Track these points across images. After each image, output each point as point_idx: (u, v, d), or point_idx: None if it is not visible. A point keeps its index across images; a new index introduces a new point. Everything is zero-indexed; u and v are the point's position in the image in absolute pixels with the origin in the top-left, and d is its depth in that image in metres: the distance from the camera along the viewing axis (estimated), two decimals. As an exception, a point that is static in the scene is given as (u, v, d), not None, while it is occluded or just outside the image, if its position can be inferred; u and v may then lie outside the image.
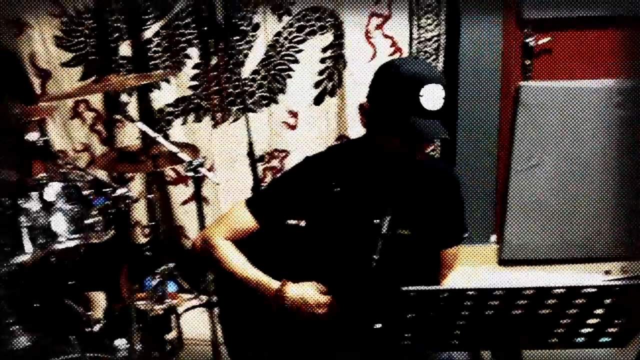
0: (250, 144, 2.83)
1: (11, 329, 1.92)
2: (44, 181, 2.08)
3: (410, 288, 1.26)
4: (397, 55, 3.27)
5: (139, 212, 3.46)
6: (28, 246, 1.99)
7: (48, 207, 2.06)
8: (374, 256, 1.59)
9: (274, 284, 1.71)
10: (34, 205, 2.04)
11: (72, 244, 2.09)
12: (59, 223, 2.07)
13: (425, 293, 1.29)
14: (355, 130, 3.25)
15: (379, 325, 1.53)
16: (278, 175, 3.40)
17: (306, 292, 1.68)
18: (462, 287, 1.26)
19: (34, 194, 2.04)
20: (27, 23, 3.15)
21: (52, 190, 2.08)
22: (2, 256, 1.94)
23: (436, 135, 1.55)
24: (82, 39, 3.20)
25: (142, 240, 3.52)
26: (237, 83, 3.25)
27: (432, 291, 1.29)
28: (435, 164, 1.76)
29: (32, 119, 2.19)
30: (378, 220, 1.63)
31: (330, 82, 3.32)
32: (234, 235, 1.80)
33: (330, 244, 1.75)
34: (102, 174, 3.20)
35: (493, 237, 3.69)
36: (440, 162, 2.96)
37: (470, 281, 1.34)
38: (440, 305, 1.29)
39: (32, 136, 1.94)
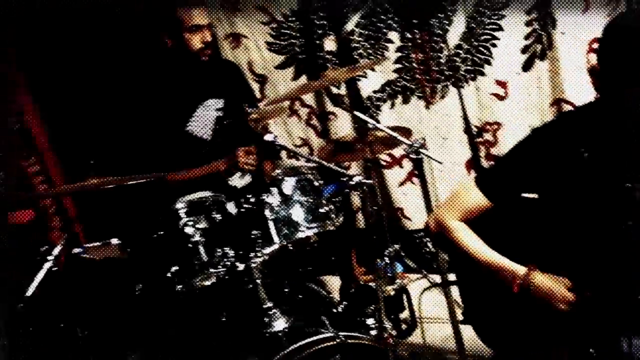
0: (467, 120, 2.80)
1: (270, 313, 2.12)
2: (281, 177, 2.27)
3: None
4: (613, 4, 2.99)
5: (356, 197, 3.60)
6: (275, 237, 2.18)
7: (287, 200, 2.24)
8: (628, 222, 1.49)
9: (519, 269, 1.69)
10: (275, 199, 2.23)
11: (311, 232, 2.25)
12: (298, 214, 2.24)
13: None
14: (576, 91, 3.05)
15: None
16: (493, 148, 3.32)
17: (554, 285, 1.65)
18: None
19: (274, 189, 2.23)
20: (242, 34, 3.44)
21: (289, 184, 2.25)
22: (257, 247, 2.15)
23: None
24: (290, 41, 3.42)
25: (363, 224, 3.66)
26: (440, 60, 3.24)
27: None
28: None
29: (263, 122, 2.39)
30: (630, 185, 1.52)
31: (538, 45, 3.15)
32: (466, 215, 1.80)
33: (573, 215, 1.67)
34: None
35: None
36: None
37: None
38: None
39: (269, 137, 2.12)
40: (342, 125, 3.45)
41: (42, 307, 2.07)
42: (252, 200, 2.24)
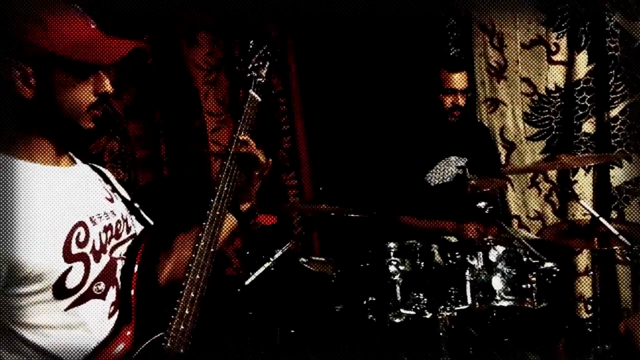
0: None
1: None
2: (490, 243, 2.37)
3: None
4: None
5: (584, 286, 3.44)
6: (469, 298, 2.29)
7: (490, 267, 2.33)
8: None
9: None
10: (478, 263, 2.33)
11: (505, 303, 2.30)
12: (497, 283, 2.31)
13: None
14: None
15: None
16: None
17: None
18: None
19: (480, 254, 2.34)
20: (502, 100, 3.56)
21: (496, 253, 2.34)
22: (448, 302, 2.28)
23: None
24: (548, 115, 3.43)
25: (585, 315, 3.48)
26: None
27: None
28: None
29: (486, 189, 2.51)
30: None
31: None
32: None
33: None
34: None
35: None
36: None
37: None
38: None
39: (481, 204, 2.25)
40: (582, 209, 3.33)
41: (256, 296, 2.47)
42: (458, 257, 2.38)
